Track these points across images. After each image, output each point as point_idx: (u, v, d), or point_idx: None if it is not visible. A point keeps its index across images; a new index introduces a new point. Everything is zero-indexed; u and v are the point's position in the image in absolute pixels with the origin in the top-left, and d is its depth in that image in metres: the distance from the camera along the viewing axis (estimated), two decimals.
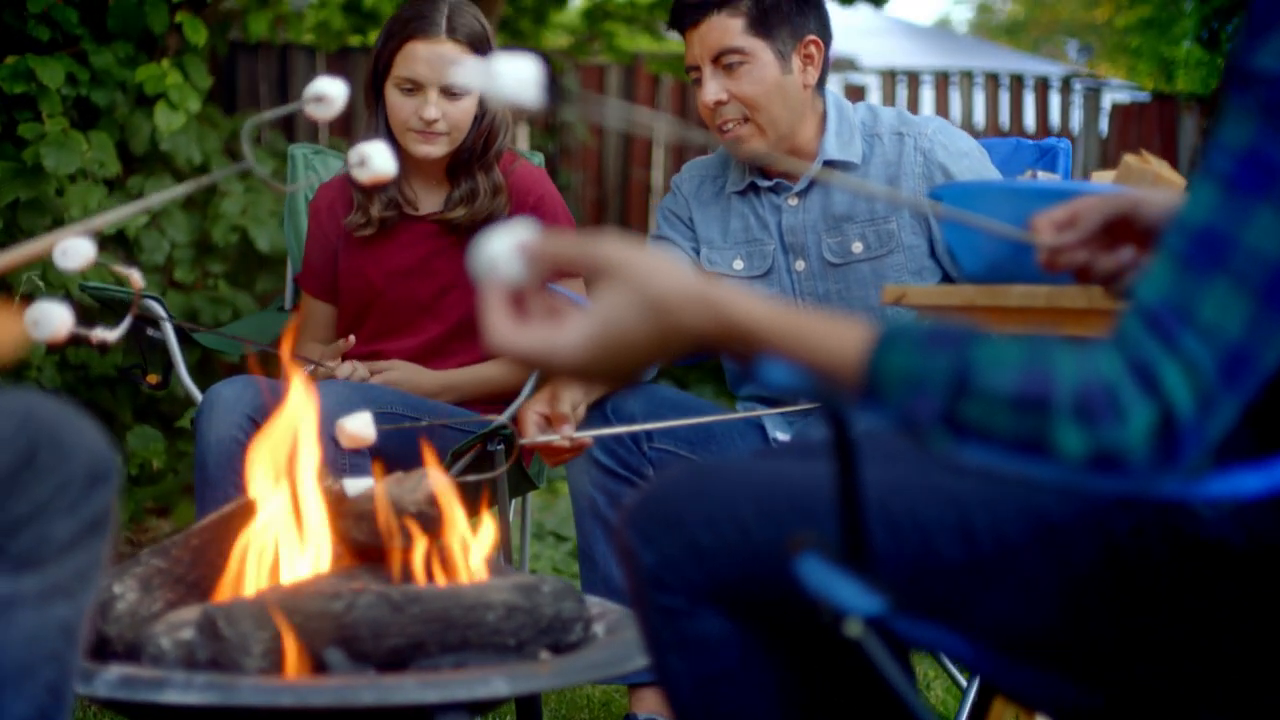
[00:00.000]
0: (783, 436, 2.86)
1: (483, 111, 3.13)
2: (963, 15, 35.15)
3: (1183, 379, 1.15)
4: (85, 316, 1.88)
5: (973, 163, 2.85)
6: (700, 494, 1.55)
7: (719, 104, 2.82)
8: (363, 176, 1.95)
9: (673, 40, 8.54)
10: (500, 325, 1.30)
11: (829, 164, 2.87)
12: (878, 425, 1.33)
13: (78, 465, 1.37)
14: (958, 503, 1.45)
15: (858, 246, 2.84)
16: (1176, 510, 1.36)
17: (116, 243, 5.01)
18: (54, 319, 1.69)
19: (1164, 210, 1.61)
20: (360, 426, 2.24)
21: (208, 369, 5.01)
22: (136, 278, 2.02)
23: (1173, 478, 1.19)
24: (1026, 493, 1.43)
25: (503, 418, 3.03)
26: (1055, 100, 10.17)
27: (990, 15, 33.74)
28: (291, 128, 7.69)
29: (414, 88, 3.06)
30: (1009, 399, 1.18)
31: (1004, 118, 9.89)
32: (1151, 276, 1.20)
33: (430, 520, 2.06)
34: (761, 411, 2.82)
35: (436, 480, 2.12)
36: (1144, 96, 11.04)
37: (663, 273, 1.26)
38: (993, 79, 9.99)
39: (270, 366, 3.21)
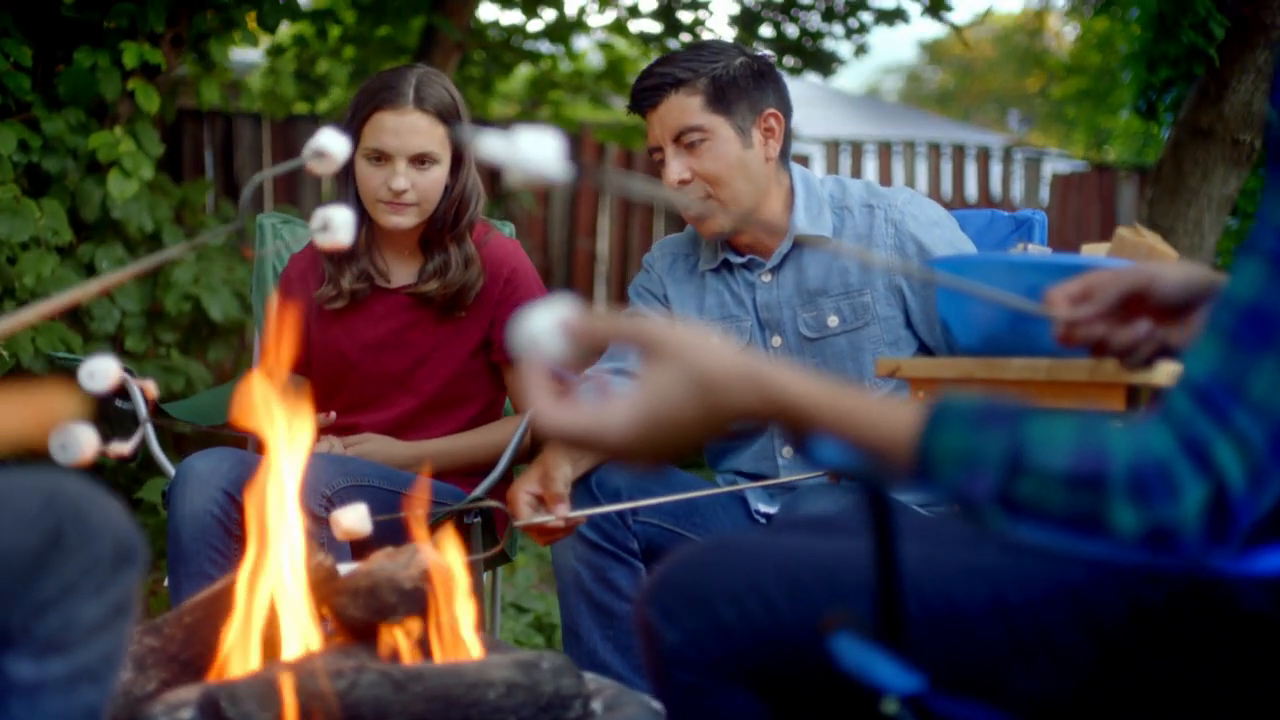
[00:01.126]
0: (765, 509, 2.85)
1: (453, 182, 3.10)
2: (892, 84, 35.58)
3: (1235, 456, 1.15)
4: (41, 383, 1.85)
5: (944, 232, 2.86)
6: (722, 571, 1.54)
7: (683, 183, 2.82)
8: (324, 241, 1.93)
9: (617, 109, 8.58)
10: (546, 406, 1.29)
11: (800, 239, 2.87)
12: (904, 501, 1.32)
13: (104, 546, 1.33)
14: (989, 578, 1.45)
15: (833, 320, 2.84)
16: (1211, 583, 1.36)
17: (67, 311, 4.96)
18: (81, 441, 1.69)
19: (1179, 285, 1.62)
20: (356, 520, 2.19)
21: (159, 439, 4.94)
22: (151, 388, 1.99)
23: (1222, 553, 1.18)
24: (1058, 567, 1.43)
25: (479, 491, 3.01)
26: (996, 170, 10.30)
27: (920, 84, 34.20)
28: (234, 193, 7.65)
29: (381, 158, 3.02)
30: (1063, 477, 1.17)
31: (946, 187, 9.99)
32: (1199, 353, 1.20)
33: (424, 596, 2.03)
34: (745, 485, 2.81)
35: (429, 555, 2.09)
36: (1082, 166, 11.20)
37: (710, 350, 1.25)
38: (935, 149, 10.10)
39: (228, 438, 3.18)
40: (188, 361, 5.23)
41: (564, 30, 7.83)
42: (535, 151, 1.45)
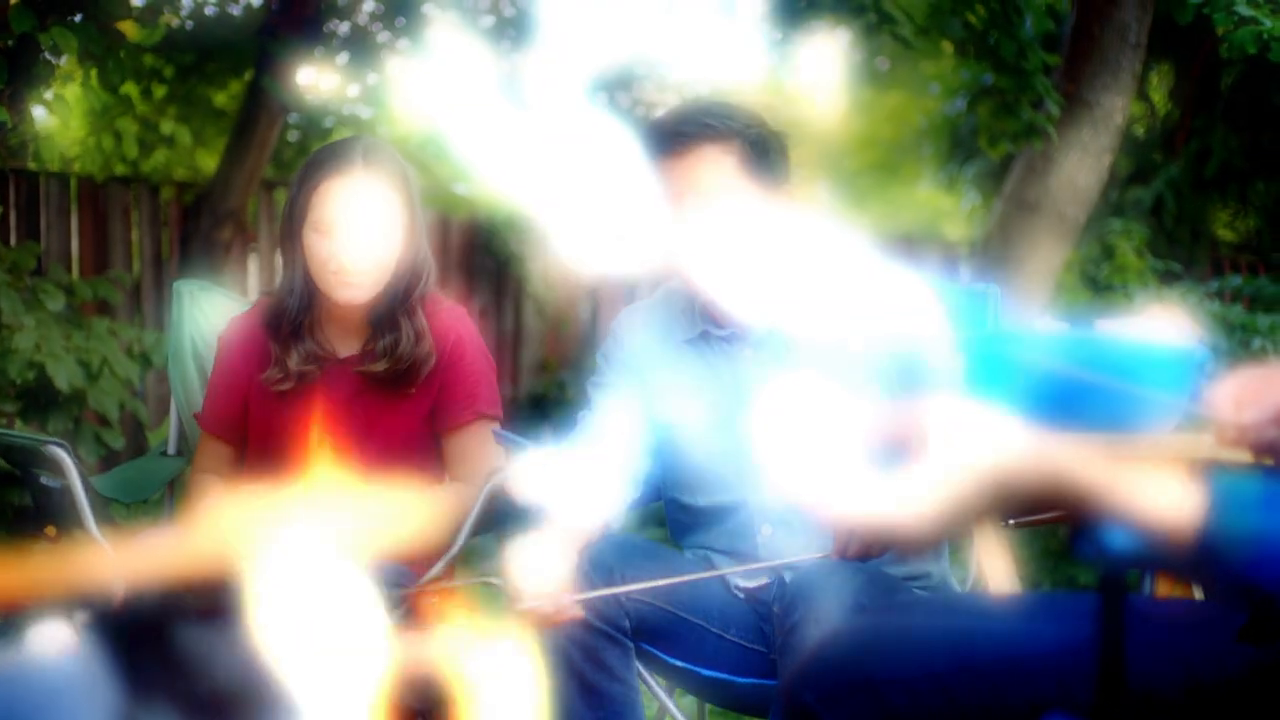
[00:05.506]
0: (744, 583, 2.78)
1: (404, 253, 2.99)
2: None
3: None
4: None
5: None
6: (884, 656, 1.51)
7: None
8: None
9: (438, 174, 8.48)
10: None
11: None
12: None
13: None
14: (1179, 660, 1.44)
15: None
16: None
17: None
18: None
19: None
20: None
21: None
22: None
23: None
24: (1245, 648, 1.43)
25: (438, 567, 2.91)
26: None
27: None
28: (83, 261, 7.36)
29: (332, 227, 2.92)
30: None
31: None
32: None
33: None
34: (741, 567, 2.73)
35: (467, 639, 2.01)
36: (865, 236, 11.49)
37: (996, 436, 1.22)
38: None
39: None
40: (35, 433, 4.99)
41: (381, 95, 7.72)
42: None
